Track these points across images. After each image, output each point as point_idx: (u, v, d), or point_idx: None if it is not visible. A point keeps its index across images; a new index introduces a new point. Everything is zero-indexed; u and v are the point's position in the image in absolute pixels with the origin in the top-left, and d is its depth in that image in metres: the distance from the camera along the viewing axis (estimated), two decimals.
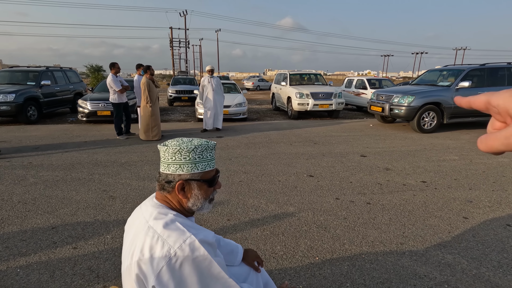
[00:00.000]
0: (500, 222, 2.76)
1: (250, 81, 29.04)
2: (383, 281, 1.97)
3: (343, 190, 3.52)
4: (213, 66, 7.06)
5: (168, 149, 0.97)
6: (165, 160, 0.98)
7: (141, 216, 0.97)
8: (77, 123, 8.25)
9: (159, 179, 1.00)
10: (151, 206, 0.98)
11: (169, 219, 0.91)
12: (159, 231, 0.88)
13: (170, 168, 0.97)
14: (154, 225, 0.90)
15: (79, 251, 2.30)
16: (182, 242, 0.85)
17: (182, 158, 0.96)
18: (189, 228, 0.90)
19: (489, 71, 7.29)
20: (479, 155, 5.08)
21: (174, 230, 0.88)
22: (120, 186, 3.62)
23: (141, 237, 0.89)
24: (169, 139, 1.03)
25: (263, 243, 2.41)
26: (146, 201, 1.03)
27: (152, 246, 0.85)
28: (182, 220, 0.93)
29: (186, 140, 1.02)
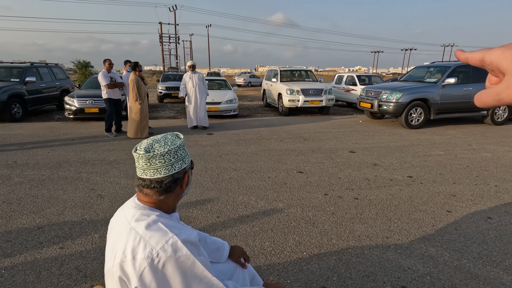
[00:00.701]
0: (481, 215, 2.85)
1: (241, 77, 28.92)
2: (369, 274, 2.02)
3: (332, 186, 3.57)
4: (194, 62, 6.89)
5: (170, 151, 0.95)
6: (168, 162, 0.95)
7: (123, 217, 0.96)
8: (64, 120, 8.09)
9: (162, 184, 0.96)
10: (133, 208, 0.97)
11: (152, 220, 0.91)
12: (141, 232, 0.88)
13: (175, 167, 0.97)
14: (136, 226, 0.90)
15: (66, 251, 2.27)
16: (164, 243, 0.85)
17: (183, 153, 1.01)
18: (171, 228, 0.90)
19: (474, 68, 7.45)
20: (464, 150, 5.21)
21: (156, 230, 0.88)
22: (108, 184, 3.58)
23: (123, 238, 0.89)
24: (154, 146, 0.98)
25: (252, 240, 2.43)
26: (128, 203, 1.03)
27: (134, 248, 0.85)
28: (165, 220, 0.94)
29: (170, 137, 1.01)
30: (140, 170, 0.96)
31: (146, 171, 0.95)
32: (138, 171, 0.97)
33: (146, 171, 0.95)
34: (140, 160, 0.94)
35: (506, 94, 0.34)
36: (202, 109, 6.96)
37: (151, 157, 0.93)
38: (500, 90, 0.34)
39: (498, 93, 0.35)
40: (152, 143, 0.97)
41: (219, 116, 8.73)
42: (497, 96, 0.35)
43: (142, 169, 0.95)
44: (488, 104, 0.37)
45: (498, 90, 0.35)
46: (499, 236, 2.49)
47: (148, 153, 0.93)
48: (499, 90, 0.35)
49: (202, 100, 6.95)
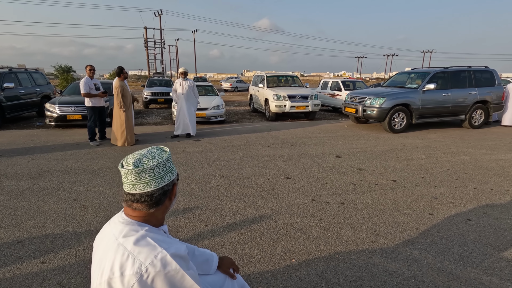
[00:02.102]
0: (461, 217, 2.96)
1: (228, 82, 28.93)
2: (356, 279, 2.06)
3: (319, 191, 3.61)
4: (186, 69, 6.77)
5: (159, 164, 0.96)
6: (157, 175, 0.96)
7: (110, 233, 0.95)
8: (44, 128, 7.82)
9: (152, 197, 0.96)
10: (120, 223, 0.96)
11: (140, 235, 0.90)
12: (129, 248, 0.87)
13: (164, 179, 0.97)
14: (124, 242, 0.89)
15: (48, 265, 2.19)
16: (153, 258, 0.85)
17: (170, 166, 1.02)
18: (160, 243, 0.89)
19: (451, 74, 7.79)
20: (444, 154, 5.41)
21: (145, 246, 0.87)
22: (92, 194, 3.48)
23: (110, 255, 0.88)
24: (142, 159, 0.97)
25: (241, 248, 2.42)
26: (115, 218, 1.01)
27: (122, 264, 0.84)
28: (154, 235, 0.93)
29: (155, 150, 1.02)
30: (128, 185, 0.95)
31: (135, 186, 0.94)
32: (127, 186, 0.95)
33: (135, 185, 0.94)
34: (129, 176, 0.93)
35: None
36: (190, 117, 6.78)
37: (140, 172, 0.93)
38: None
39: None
40: (139, 158, 0.96)
41: (206, 122, 8.69)
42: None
43: (131, 184, 0.94)
44: None
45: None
46: (478, 238, 2.59)
47: (138, 168, 0.93)
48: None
49: (190, 108, 6.77)
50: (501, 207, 3.21)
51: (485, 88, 7.96)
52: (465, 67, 8.02)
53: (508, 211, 3.10)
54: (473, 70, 7.99)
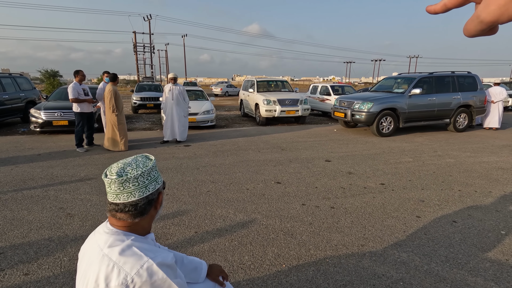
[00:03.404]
0: (447, 219, 3.03)
1: (218, 87, 28.92)
2: (346, 283, 2.07)
3: (309, 196, 3.64)
4: (175, 74, 6.72)
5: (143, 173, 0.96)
6: (141, 185, 0.95)
7: (95, 244, 0.93)
8: (29, 134, 7.62)
9: (136, 207, 0.95)
10: (105, 233, 0.95)
11: (126, 245, 0.89)
12: (114, 258, 0.86)
13: (149, 188, 0.97)
14: (109, 253, 0.87)
15: (32, 277, 2.12)
16: (139, 268, 0.84)
17: (156, 174, 1.01)
18: (146, 252, 0.88)
19: (436, 79, 8.02)
20: (430, 157, 5.54)
21: (130, 256, 0.86)
22: (79, 202, 3.40)
23: (95, 266, 0.86)
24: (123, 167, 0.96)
25: (231, 254, 2.41)
26: (100, 228, 1.00)
27: (108, 275, 0.83)
28: (140, 244, 0.92)
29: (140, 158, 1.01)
30: (112, 195, 0.94)
31: (119, 196, 0.93)
32: (110, 196, 0.95)
33: (119, 195, 0.93)
34: (113, 185, 0.93)
35: (485, 12, 0.32)
36: (180, 123, 6.70)
37: (124, 181, 0.92)
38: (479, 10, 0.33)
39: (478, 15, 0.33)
40: (123, 167, 0.96)
41: (196, 127, 8.65)
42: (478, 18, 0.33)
43: (115, 194, 0.93)
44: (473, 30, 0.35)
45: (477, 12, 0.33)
46: (463, 239, 2.65)
47: (121, 177, 0.92)
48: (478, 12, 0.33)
49: (179, 114, 6.69)
50: (485, 208, 3.30)
51: (468, 93, 8.22)
52: (449, 72, 8.27)
53: (491, 213, 3.19)
54: (456, 75, 8.25)
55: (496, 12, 0.32)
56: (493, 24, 0.33)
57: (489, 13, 0.32)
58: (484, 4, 0.33)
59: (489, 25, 0.33)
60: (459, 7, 0.37)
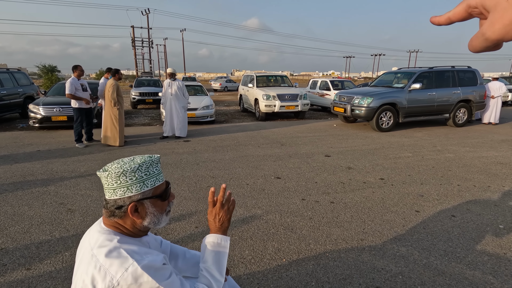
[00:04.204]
0: (446, 214, 3.05)
1: (217, 82, 28.80)
2: (345, 277, 2.09)
3: (309, 191, 3.65)
4: (174, 69, 6.67)
5: (110, 173, 0.92)
6: (110, 186, 0.93)
7: (87, 242, 0.94)
8: (28, 129, 7.60)
9: (106, 206, 0.96)
10: (97, 232, 0.95)
11: (113, 246, 0.89)
12: (101, 260, 0.86)
13: (117, 192, 0.93)
14: (98, 253, 0.87)
15: (33, 272, 2.14)
16: (124, 271, 0.83)
17: (128, 180, 0.93)
18: (133, 254, 0.87)
19: (436, 74, 7.99)
20: (430, 152, 5.55)
21: (116, 258, 0.86)
22: (79, 197, 3.41)
23: (84, 266, 0.87)
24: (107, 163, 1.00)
25: (232, 249, 2.43)
26: (94, 226, 1.00)
27: (94, 277, 0.83)
28: (129, 246, 0.91)
29: (127, 160, 0.98)
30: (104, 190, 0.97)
31: (105, 191, 0.96)
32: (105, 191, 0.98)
33: (105, 191, 0.96)
34: (102, 180, 0.95)
35: (491, 31, 0.33)
36: (179, 119, 6.65)
37: (107, 176, 0.93)
38: (485, 28, 0.34)
39: (484, 33, 0.34)
40: (115, 162, 0.97)
41: (196, 123, 8.64)
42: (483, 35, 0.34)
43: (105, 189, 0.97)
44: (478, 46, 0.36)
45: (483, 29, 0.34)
46: (462, 233, 2.68)
47: (105, 172, 0.93)
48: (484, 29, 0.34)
49: (179, 110, 6.64)
50: (484, 203, 3.32)
51: (468, 88, 8.20)
52: (449, 67, 8.24)
53: (489, 207, 3.21)
54: (456, 70, 8.22)
55: (501, 31, 0.33)
56: (498, 42, 0.34)
57: (494, 32, 0.33)
58: (489, 23, 0.34)
59: (494, 42, 0.34)
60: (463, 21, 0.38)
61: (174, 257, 1.27)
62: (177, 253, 1.29)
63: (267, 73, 11.33)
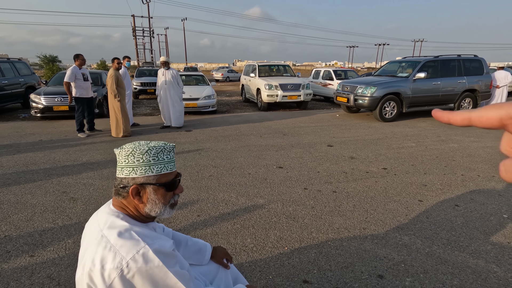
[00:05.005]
0: (449, 203, 3.03)
1: (219, 72, 28.59)
2: (347, 265, 2.09)
3: (311, 180, 3.63)
4: (167, 58, 6.51)
5: (122, 151, 0.94)
6: (120, 164, 0.96)
7: (96, 223, 0.93)
8: (30, 119, 7.60)
9: (115, 184, 0.98)
10: (106, 213, 0.94)
11: (124, 228, 0.88)
12: (112, 240, 0.85)
13: (123, 171, 0.94)
14: (108, 234, 0.87)
15: (37, 259, 2.15)
16: (135, 253, 0.82)
17: (135, 161, 0.92)
18: (144, 238, 0.87)
19: (442, 63, 7.84)
20: (433, 142, 5.50)
21: (128, 239, 0.85)
22: (81, 186, 3.42)
23: (93, 246, 0.86)
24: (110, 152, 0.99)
25: (234, 237, 2.43)
26: (103, 208, 0.99)
27: (104, 257, 0.82)
28: (139, 228, 0.91)
29: (143, 142, 0.98)
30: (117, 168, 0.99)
31: (117, 168, 0.98)
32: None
33: (117, 168, 0.98)
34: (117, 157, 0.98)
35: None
36: (175, 108, 6.56)
37: (118, 154, 0.96)
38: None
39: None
40: (132, 143, 0.98)
41: (198, 113, 8.59)
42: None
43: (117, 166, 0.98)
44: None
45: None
46: (465, 223, 2.66)
47: (117, 150, 0.96)
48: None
49: (173, 99, 6.51)
50: (488, 192, 3.29)
51: (473, 77, 8.05)
52: (455, 56, 8.08)
53: (494, 197, 3.18)
54: (462, 59, 8.06)
55: None
56: None
57: None
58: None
59: None
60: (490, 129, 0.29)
61: (177, 244, 1.26)
62: (179, 240, 1.28)
63: (269, 62, 11.19)
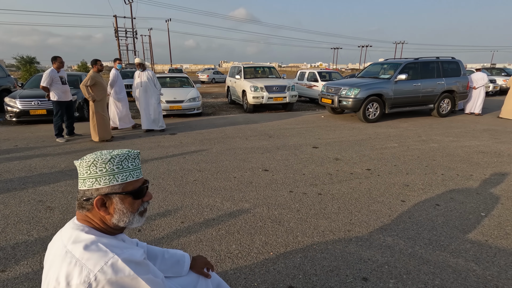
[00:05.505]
0: (431, 203, 3.10)
1: (205, 74, 28.37)
2: (332, 268, 2.09)
3: (297, 183, 3.64)
4: (142, 59, 6.33)
5: (83, 162, 0.89)
6: (81, 176, 0.91)
7: (60, 240, 0.88)
8: (5, 124, 7.26)
9: (77, 197, 0.93)
10: (71, 229, 0.89)
11: (90, 241, 0.84)
12: (77, 255, 0.80)
13: (86, 183, 0.90)
14: (73, 249, 0.82)
15: (9, 274, 2.03)
16: (103, 264, 0.79)
17: (97, 171, 0.89)
18: (112, 248, 0.83)
19: (421, 65, 8.08)
20: (415, 142, 5.64)
21: (94, 251, 0.81)
22: (59, 194, 3.28)
23: (57, 264, 0.81)
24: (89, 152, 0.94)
25: (218, 244, 2.38)
26: (67, 224, 0.94)
27: (69, 273, 0.77)
28: (107, 240, 0.87)
29: (106, 152, 0.95)
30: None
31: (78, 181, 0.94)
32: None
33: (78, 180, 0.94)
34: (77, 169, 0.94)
35: None
36: (153, 110, 6.33)
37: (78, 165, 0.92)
38: None
39: None
40: (93, 153, 0.94)
41: (182, 115, 8.48)
42: None
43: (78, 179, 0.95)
44: None
45: None
46: (446, 222, 2.72)
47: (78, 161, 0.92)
48: None
49: (149, 102, 6.29)
50: (466, 191, 3.39)
51: (451, 78, 8.34)
52: (433, 58, 8.34)
53: (472, 195, 3.28)
54: (441, 61, 8.33)
55: None
56: None
57: None
58: None
59: None
60: None
61: (153, 258, 1.21)
62: (155, 254, 1.23)
63: (254, 64, 11.19)
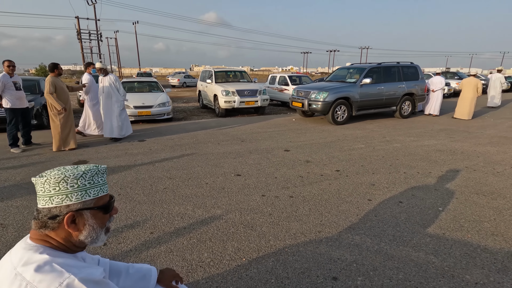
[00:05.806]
0: (394, 200, 3.28)
1: (175, 78, 27.80)
2: (304, 270, 2.13)
3: (269, 186, 3.67)
4: (103, 64, 6.08)
5: (49, 179, 0.84)
6: (45, 193, 0.85)
7: (9, 262, 0.81)
8: None
9: (38, 216, 0.86)
10: (22, 249, 0.82)
11: (43, 261, 0.78)
12: (28, 277, 0.74)
13: (53, 200, 0.85)
14: (23, 271, 0.76)
15: None
16: (57, 285, 0.73)
17: (69, 187, 0.85)
18: (69, 268, 0.78)
19: (384, 69, 8.56)
20: (380, 142, 5.94)
21: (48, 273, 0.75)
22: (13, 210, 3.02)
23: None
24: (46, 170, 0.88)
25: (190, 253, 2.33)
26: (18, 244, 0.87)
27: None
28: (63, 260, 0.81)
29: (70, 167, 0.90)
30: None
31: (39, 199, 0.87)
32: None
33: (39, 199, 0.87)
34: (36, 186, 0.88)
35: None
36: (115, 117, 6.00)
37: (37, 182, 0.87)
38: None
39: None
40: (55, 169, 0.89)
41: (152, 121, 8.22)
42: None
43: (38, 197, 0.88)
44: None
45: None
46: (408, 218, 2.89)
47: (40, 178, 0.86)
48: None
49: (111, 108, 5.99)
50: (426, 188, 3.63)
51: (411, 82, 8.92)
52: (394, 63, 8.88)
53: (431, 192, 3.52)
54: (401, 65, 8.89)
55: None
56: None
57: None
58: None
59: None
60: None
61: (116, 274, 1.16)
62: (119, 270, 1.18)
63: (225, 68, 11.18)
